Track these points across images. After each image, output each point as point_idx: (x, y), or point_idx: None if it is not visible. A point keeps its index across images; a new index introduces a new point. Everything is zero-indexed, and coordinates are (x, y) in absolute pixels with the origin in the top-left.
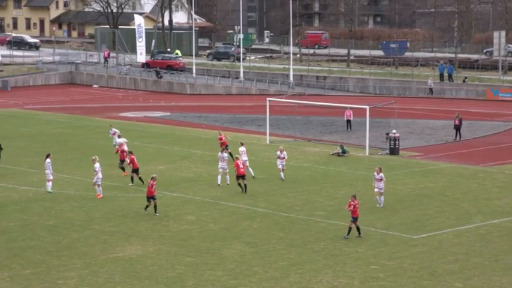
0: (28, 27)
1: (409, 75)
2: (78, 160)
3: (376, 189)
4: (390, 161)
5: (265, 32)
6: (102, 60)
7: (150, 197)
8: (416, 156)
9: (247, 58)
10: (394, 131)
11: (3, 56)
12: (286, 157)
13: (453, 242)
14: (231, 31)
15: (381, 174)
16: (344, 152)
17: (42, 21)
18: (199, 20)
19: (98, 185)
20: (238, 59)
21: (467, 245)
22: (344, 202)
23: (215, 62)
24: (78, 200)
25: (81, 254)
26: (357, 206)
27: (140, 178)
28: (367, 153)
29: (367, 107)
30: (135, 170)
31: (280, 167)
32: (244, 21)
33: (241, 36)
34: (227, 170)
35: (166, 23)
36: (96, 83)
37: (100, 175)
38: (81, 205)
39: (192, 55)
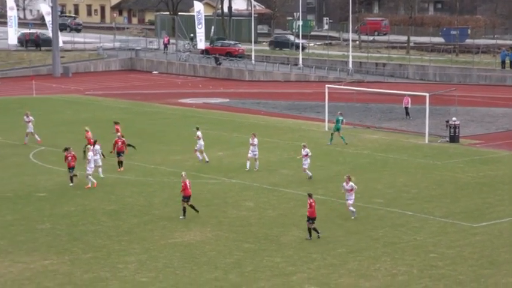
0: (89, 13)
1: (470, 62)
2: (138, 146)
3: (347, 201)
4: (450, 149)
5: (324, 18)
6: (162, 46)
7: (187, 197)
8: (477, 144)
9: (307, 45)
10: (454, 118)
11: (64, 42)
12: (308, 154)
13: None
14: (290, 18)
15: (351, 183)
16: (338, 124)
17: (102, 8)
18: (259, 7)
19: (89, 175)
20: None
21: None
22: (403, 190)
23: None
24: (137, 186)
25: (141, 239)
26: (312, 204)
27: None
28: (426, 141)
29: (427, 94)
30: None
31: (305, 166)
32: (304, 8)
33: (300, 23)
34: (257, 156)
35: (225, 9)
36: (156, 69)
37: (92, 165)
38: (140, 190)
39: (251, 42)
